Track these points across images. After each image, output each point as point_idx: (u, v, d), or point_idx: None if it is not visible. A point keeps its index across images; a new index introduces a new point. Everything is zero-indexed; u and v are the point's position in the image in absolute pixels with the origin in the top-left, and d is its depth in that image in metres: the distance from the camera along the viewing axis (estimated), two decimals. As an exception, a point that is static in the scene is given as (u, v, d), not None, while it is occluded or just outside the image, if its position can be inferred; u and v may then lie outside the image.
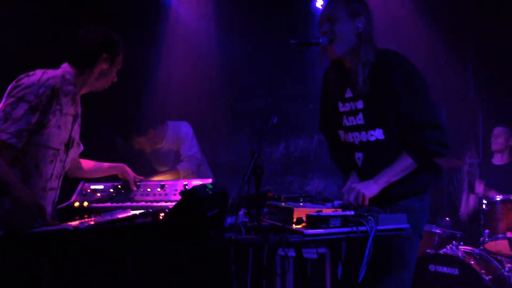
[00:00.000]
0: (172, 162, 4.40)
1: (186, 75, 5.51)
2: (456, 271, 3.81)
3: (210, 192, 2.02)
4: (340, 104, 2.66)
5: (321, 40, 2.57)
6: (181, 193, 1.91)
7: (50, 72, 2.43)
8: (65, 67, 2.52)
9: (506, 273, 3.81)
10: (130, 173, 3.00)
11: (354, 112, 2.59)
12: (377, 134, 2.54)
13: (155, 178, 3.78)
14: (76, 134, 2.65)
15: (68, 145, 2.55)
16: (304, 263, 2.85)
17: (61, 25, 4.72)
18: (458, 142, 4.79)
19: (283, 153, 5.93)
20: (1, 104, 2.36)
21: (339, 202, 2.60)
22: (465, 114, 5.34)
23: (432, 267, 3.89)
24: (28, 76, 2.39)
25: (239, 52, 5.54)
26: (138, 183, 3.05)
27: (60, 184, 2.59)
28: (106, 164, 3.02)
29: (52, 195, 2.52)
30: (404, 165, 2.45)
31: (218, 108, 5.08)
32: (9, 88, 2.38)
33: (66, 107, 2.47)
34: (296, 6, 5.63)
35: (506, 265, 3.88)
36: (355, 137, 2.62)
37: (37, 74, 2.39)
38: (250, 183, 2.23)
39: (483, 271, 3.79)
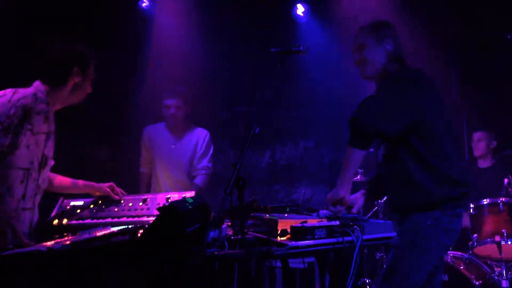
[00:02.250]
0: (186, 167, 4.29)
1: (168, 84, 5.45)
2: (445, 277, 3.78)
3: (190, 207, 1.96)
4: None
5: (301, 48, 2.55)
6: (159, 209, 1.84)
7: (21, 92, 2.40)
8: (37, 85, 2.48)
9: (496, 277, 3.78)
10: (110, 189, 2.93)
11: None
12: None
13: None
14: (49, 152, 2.59)
15: (41, 164, 2.49)
16: (290, 274, 2.80)
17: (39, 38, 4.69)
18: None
19: (269, 162, 5.88)
20: None
21: (325, 211, 2.56)
22: (449, 118, 5.34)
23: (421, 274, 3.84)
24: None
25: (221, 60, 5.50)
26: (119, 198, 2.98)
27: (37, 203, 2.54)
28: (81, 182, 2.94)
29: (27, 215, 2.45)
30: (346, 155, 2.45)
31: (201, 117, 5.01)
32: None
33: (38, 126, 2.43)
34: (278, 13, 5.61)
35: (495, 269, 3.85)
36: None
37: (8, 95, 2.36)
38: (234, 195, 2.18)
39: (473, 276, 3.76)
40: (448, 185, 2.47)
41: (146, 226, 1.99)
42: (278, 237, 2.19)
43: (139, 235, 1.90)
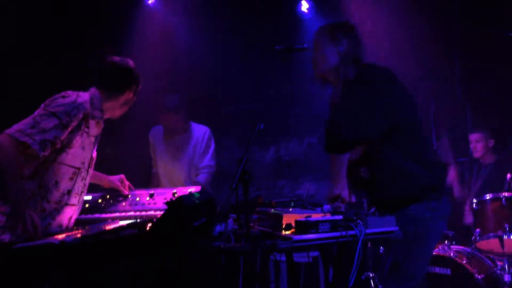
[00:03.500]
0: (187, 167, 4.33)
1: (172, 80, 5.49)
2: (448, 271, 3.81)
3: (197, 201, 2.00)
4: None
5: (305, 45, 2.59)
6: (167, 203, 1.89)
7: (83, 96, 2.56)
8: (93, 91, 2.65)
9: (499, 272, 3.81)
10: (119, 182, 3.03)
11: None
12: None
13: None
14: (95, 153, 2.76)
15: (89, 164, 2.67)
16: (295, 268, 2.84)
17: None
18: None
19: (274, 157, 5.92)
20: (33, 114, 2.46)
21: (329, 206, 2.60)
22: (452, 112, 5.36)
23: (424, 268, 3.88)
24: (63, 97, 2.50)
25: (225, 57, 5.53)
26: (127, 193, 3.03)
27: (81, 200, 2.68)
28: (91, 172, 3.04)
29: (69, 211, 2.58)
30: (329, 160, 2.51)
31: (205, 114, 5.05)
32: (42, 105, 2.49)
33: (92, 129, 2.61)
34: (282, 10, 5.63)
35: (498, 264, 3.88)
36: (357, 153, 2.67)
37: (72, 96, 2.52)
38: (239, 190, 2.22)
39: (475, 270, 3.79)
40: (437, 169, 2.54)
41: (154, 220, 2.04)
42: (283, 231, 2.23)
43: (147, 228, 1.95)
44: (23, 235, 2.18)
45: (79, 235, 1.99)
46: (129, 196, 3.04)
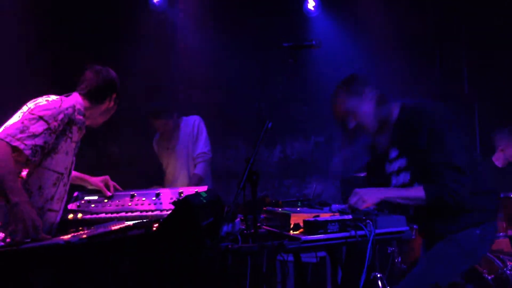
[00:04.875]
0: (185, 161, 4.34)
1: (180, 81, 5.48)
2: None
3: (204, 201, 1.98)
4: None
5: (313, 42, 2.55)
6: (174, 202, 1.87)
7: (66, 101, 2.58)
8: (76, 96, 2.66)
9: (509, 272, 3.76)
10: (103, 183, 3.02)
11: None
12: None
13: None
14: (74, 157, 2.75)
15: (70, 169, 2.67)
16: (302, 268, 2.81)
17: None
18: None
19: (280, 157, 5.89)
20: (17, 118, 2.43)
21: (337, 205, 2.56)
22: (460, 110, 5.31)
23: (433, 268, 3.84)
24: (46, 100, 2.51)
25: (232, 56, 5.50)
26: (132, 192, 3.01)
27: (62, 206, 2.67)
28: (74, 173, 2.99)
29: (51, 216, 2.57)
30: (414, 194, 2.40)
31: (212, 113, 5.04)
32: (24, 106, 2.49)
33: (74, 135, 2.62)
34: (288, 8, 5.60)
35: (508, 264, 3.83)
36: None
37: (57, 100, 2.52)
38: (246, 189, 2.19)
39: (485, 271, 3.74)
40: (493, 197, 2.51)
41: (161, 220, 2.01)
42: (291, 231, 2.20)
43: (154, 228, 1.92)
44: (23, 236, 2.16)
45: (84, 236, 1.96)
46: (135, 195, 3.02)
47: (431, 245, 2.52)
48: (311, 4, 5.44)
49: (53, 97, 2.55)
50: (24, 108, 2.49)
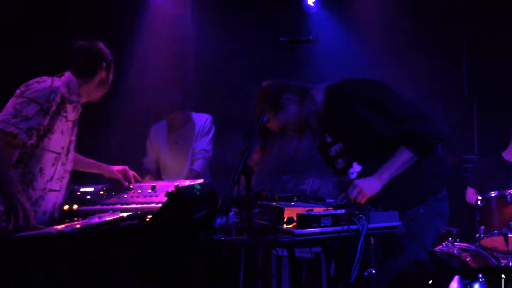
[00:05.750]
0: (191, 156, 4.34)
1: (178, 76, 5.47)
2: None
3: (198, 193, 1.99)
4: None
5: (310, 37, 2.56)
6: (167, 194, 1.88)
7: (58, 80, 2.58)
8: (68, 75, 2.66)
9: (503, 269, 3.78)
10: (121, 174, 3.03)
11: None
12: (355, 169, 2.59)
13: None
14: (74, 138, 2.76)
15: (68, 149, 2.67)
16: (296, 262, 2.83)
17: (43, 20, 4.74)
18: (454, 138, 4.75)
19: (277, 152, 5.90)
20: (10, 103, 2.45)
21: (331, 200, 2.58)
22: (459, 110, 5.32)
23: (428, 265, 3.85)
24: (38, 82, 2.51)
25: (230, 51, 5.50)
26: (127, 185, 3.02)
27: (64, 186, 2.69)
28: (92, 161, 3.08)
29: (52, 196, 2.60)
30: (404, 157, 2.46)
31: (211, 108, 5.04)
32: (17, 91, 2.49)
33: (70, 114, 2.62)
34: (288, 3, 5.60)
35: (502, 262, 3.85)
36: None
37: (48, 81, 2.52)
38: (241, 183, 2.20)
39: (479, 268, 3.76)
40: (443, 167, 2.60)
41: (155, 211, 2.02)
42: (284, 225, 2.21)
43: (147, 220, 1.93)
44: (15, 226, 2.17)
45: (78, 226, 1.98)
46: (132, 188, 3.03)
47: None
48: (310, 0, 5.44)
49: (44, 78, 2.55)
50: (17, 93, 2.49)
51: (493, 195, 3.91)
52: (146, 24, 5.39)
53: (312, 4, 5.46)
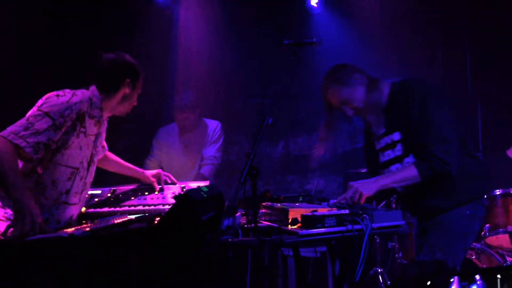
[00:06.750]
0: (199, 161, 4.38)
1: (181, 76, 5.50)
2: (457, 267, 3.80)
3: (205, 195, 2.02)
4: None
5: (314, 40, 2.59)
6: (175, 197, 1.92)
7: (79, 95, 2.53)
8: (93, 90, 2.61)
9: (508, 267, 3.79)
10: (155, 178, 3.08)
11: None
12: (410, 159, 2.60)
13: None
14: (100, 146, 2.77)
15: (89, 163, 2.64)
16: (302, 262, 2.86)
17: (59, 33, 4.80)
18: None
19: (283, 152, 5.93)
20: (28, 113, 2.45)
21: (334, 200, 2.61)
22: (463, 109, 5.32)
23: (433, 263, 3.87)
24: (57, 96, 2.48)
25: (234, 52, 5.53)
26: (136, 187, 3.07)
27: (83, 198, 2.68)
28: (127, 164, 3.12)
29: (69, 210, 2.58)
30: (407, 174, 2.51)
31: (215, 109, 5.08)
32: (38, 102, 2.48)
33: (89, 129, 2.57)
34: (291, 4, 5.62)
35: (507, 259, 3.86)
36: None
37: (67, 95, 2.49)
38: (247, 185, 2.23)
39: (484, 266, 3.78)
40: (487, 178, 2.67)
41: (163, 214, 2.06)
42: (289, 225, 2.24)
43: (155, 222, 1.97)
44: (21, 230, 2.17)
45: (88, 229, 2.01)
46: (138, 190, 3.07)
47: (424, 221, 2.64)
48: (313, 1, 5.45)
49: (66, 92, 2.52)
50: (38, 103, 2.48)
51: (497, 193, 3.92)
52: (148, 25, 5.42)
53: (315, 5, 5.46)
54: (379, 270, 4.35)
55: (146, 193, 3.03)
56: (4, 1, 4.66)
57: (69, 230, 2.05)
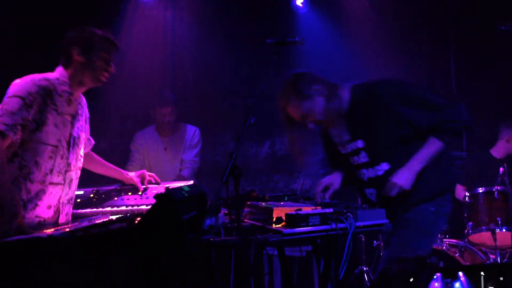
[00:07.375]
0: (178, 165, 4.41)
1: (168, 76, 5.48)
2: (441, 264, 3.83)
3: (186, 194, 2.00)
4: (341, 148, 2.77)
5: (297, 39, 2.59)
6: (156, 196, 1.89)
7: (44, 74, 2.54)
8: (59, 70, 2.62)
9: (491, 265, 3.83)
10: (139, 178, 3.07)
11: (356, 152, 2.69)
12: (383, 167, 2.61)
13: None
14: (82, 132, 2.73)
15: (69, 143, 2.60)
16: (287, 262, 2.85)
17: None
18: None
19: (268, 152, 5.92)
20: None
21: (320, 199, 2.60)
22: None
23: (417, 261, 3.89)
24: (21, 79, 2.49)
25: (220, 52, 5.51)
26: (119, 187, 3.04)
27: (68, 179, 2.63)
28: (111, 165, 3.10)
29: (56, 191, 2.56)
30: (434, 148, 2.54)
31: (201, 109, 5.06)
32: (6, 94, 2.48)
33: (61, 107, 2.55)
34: (277, 4, 5.61)
35: (490, 257, 3.90)
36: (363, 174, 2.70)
37: (30, 76, 2.50)
38: (230, 184, 2.22)
39: (468, 263, 3.81)
40: (452, 169, 2.74)
41: (144, 213, 2.03)
42: (273, 224, 2.23)
43: (136, 222, 1.94)
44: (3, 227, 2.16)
45: (67, 229, 1.98)
46: (122, 190, 3.04)
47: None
48: (299, 1, 5.45)
49: (28, 76, 2.53)
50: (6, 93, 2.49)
51: (480, 191, 3.96)
52: (132, 24, 5.37)
53: (301, 5, 5.47)
54: (365, 269, 4.37)
55: (130, 193, 3.00)
56: (4, 1, 4.62)
57: (49, 231, 2.02)
